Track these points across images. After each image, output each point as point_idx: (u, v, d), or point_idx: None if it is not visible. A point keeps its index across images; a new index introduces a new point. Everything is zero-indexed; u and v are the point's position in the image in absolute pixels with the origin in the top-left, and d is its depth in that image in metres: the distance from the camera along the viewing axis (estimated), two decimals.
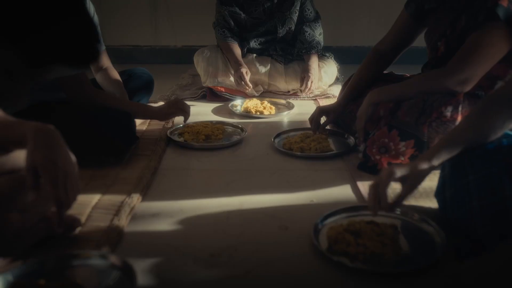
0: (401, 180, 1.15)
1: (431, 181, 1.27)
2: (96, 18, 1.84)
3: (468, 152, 1.15)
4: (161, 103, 2.16)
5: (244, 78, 2.33)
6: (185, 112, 1.85)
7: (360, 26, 3.46)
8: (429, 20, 1.71)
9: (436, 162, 1.14)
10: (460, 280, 0.99)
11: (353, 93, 1.79)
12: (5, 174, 1.02)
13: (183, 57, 3.42)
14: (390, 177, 1.14)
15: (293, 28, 2.55)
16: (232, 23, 2.51)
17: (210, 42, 2.66)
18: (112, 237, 1.13)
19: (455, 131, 1.23)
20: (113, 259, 1.00)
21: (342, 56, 2.83)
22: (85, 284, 0.93)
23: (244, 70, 2.35)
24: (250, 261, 1.08)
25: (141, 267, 1.02)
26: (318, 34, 2.54)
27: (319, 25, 2.57)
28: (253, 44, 2.57)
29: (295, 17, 2.53)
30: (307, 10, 2.54)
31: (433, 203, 1.28)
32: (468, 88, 1.48)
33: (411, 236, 1.16)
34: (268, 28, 2.55)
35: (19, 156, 1.00)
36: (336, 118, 1.83)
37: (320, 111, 1.81)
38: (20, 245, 1.02)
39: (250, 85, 2.36)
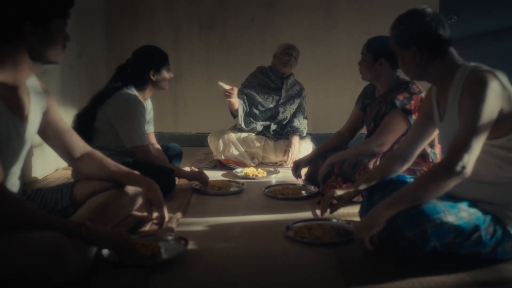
0: (338, 198, 2.01)
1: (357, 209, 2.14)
2: (152, 113, 2.81)
3: (376, 184, 2.01)
4: (187, 168, 3.05)
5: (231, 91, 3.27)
6: (206, 182, 2.69)
7: (333, 118, 4.41)
8: (368, 110, 2.67)
9: (359, 188, 2.00)
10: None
11: (318, 154, 2.76)
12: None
13: (196, 141, 4.39)
14: (332, 195, 2.00)
15: (288, 117, 3.55)
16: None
17: (218, 129, 3.61)
18: (168, 231, 1.97)
19: (371, 173, 2.10)
20: (174, 235, 1.84)
21: (319, 140, 3.76)
22: (162, 245, 1.76)
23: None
24: (248, 242, 1.91)
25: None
26: (303, 127, 3.54)
27: (305, 121, 3.60)
28: (258, 127, 3.54)
29: (292, 111, 3.56)
30: (299, 111, 3.60)
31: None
32: (383, 149, 2.39)
33: (341, 229, 2.00)
34: (272, 114, 3.56)
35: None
36: (304, 166, 2.77)
37: (295, 163, 2.75)
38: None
39: (231, 89, 3.27)
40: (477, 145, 1.54)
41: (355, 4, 4.37)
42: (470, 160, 1.53)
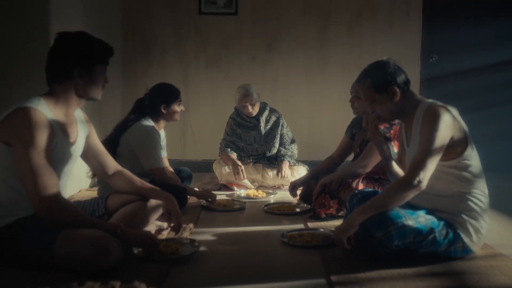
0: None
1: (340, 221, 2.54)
2: (165, 141, 3.24)
3: (358, 199, 2.41)
4: (196, 189, 3.46)
5: (240, 173, 3.67)
6: (213, 199, 3.13)
7: (326, 147, 4.78)
8: (355, 137, 3.11)
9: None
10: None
11: (311, 176, 3.15)
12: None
13: (202, 167, 4.79)
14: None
15: (275, 150, 3.97)
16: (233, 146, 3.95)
17: None
18: (184, 236, 2.36)
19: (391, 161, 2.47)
20: (190, 239, 2.24)
21: (314, 166, 4.19)
22: (179, 246, 2.15)
23: (240, 167, 3.70)
24: (249, 246, 2.30)
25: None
26: (290, 152, 3.94)
27: (293, 145, 4.00)
28: (252, 160, 3.95)
29: (277, 144, 3.97)
30: (284, 139, 3.99)
31: None
32: (366, 170, 2.80)
33: (327, 237, 2.39)
34: (259, 151, 3.97)
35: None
36: (300, 186, 3.15)
37: (291, 184, 3.14)
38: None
39: (244, 176, 3.69)
40: (432, 164, 1.95)
41: (346, 44, 4.89)
42: (425, 176, 1.94)
